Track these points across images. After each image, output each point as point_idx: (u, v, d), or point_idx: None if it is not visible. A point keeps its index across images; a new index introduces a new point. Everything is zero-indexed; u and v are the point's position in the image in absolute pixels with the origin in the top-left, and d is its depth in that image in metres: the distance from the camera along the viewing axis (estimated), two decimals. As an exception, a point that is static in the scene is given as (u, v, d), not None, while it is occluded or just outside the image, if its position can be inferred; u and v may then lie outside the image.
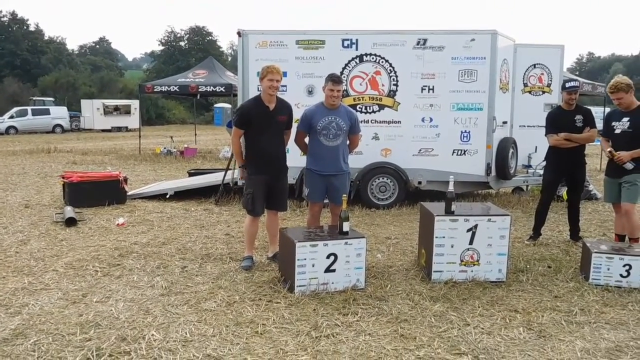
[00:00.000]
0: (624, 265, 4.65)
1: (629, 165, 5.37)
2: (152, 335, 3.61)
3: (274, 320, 3.89)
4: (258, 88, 8.26)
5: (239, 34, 8.43)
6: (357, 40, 8.22)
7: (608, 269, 4.69)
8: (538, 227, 6.32)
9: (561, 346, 3.54)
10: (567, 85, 6.04)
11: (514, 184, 9.42)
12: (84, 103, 35.77)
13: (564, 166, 6.10)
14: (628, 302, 4.34)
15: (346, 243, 4.51)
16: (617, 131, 5.49)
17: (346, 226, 4.60)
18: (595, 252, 4.74)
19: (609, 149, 5.50)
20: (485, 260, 4.74)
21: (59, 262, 5.24)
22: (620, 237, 5.75)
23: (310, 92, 8.20)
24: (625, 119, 5.44)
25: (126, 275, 4.90)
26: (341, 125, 5.23)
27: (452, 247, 4.71)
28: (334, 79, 5.16)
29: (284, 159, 5.25)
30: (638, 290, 4.57)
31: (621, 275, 4.66)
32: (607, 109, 7.70)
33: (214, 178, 9.41)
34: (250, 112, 5.06)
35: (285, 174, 5.31)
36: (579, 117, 5.96)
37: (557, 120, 6.04)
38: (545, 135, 6.13)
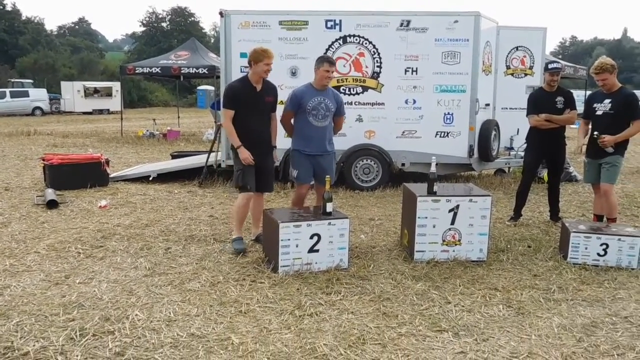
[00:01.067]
0: (601, 245, 4.76)
1: (610, 149, 5.46)
2: (136, 315, 3.62)
3: (257, 299, 3.92)
4: (241, 69, 8.27)
5: (220, 14, 8.34)
6: (340, 21, 8.18)
7: (586, 248, 4.79)
8: (519, 208, 6.42)
9: (539, 322, 3.62)
10: (550, 66, 6.10)
11: (496, 166, 9.54)
12: (64, 85, 35.17)
13: (544, 147, 6.18)
14: (604, 280, 4.44)
15: (329, 224, 4.54)
16: (599, 112, 5.56)
17: (329, 207, 4.63)
18: (574, 232, 4.83)
19: (595, 132, 5.53)
20: (466, 240, 4.81)
21: (41, 244, 5.21)
22: (599, 218, 5.86)
23: (293, 74, 8.16)
24: (607, 101, 5.51)
25: (109, 256, 4.89)
26: (329, 106, 5.27)
27: (434, 227, 4.77)
28: (330, 61, 5.29)
29: (269, 139, 5.25)
30: (614, 268, 4.68)
31: (598, 254, 4.76)
32: (589, 92, 7.76)
33: (197, 160, 9.36)
34: (240, 93, 5.03)
35: (272, 154, 5.30)
36: (559, 99, 6.02)
37: (538, 101, 6.10)
38: (527, 115, 6.20)
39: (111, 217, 6.36)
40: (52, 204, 6.78)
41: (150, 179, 8.79)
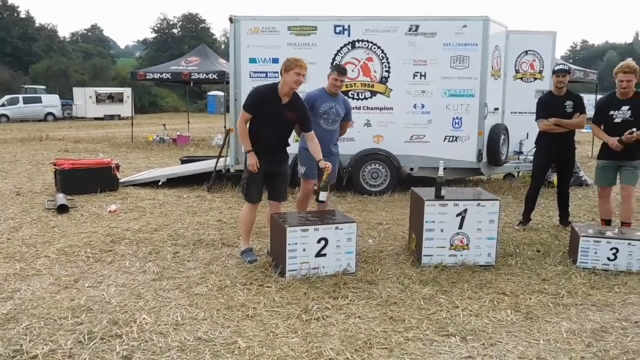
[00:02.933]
0: (611, 249, 4.71)
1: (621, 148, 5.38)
2: (144, 319, 3.64)
3: (264, 303, 3.92)
4: (250, 74, 8.33)
5: (230, 19, 8.39)
6: (349, 26, 8.21)
7: (595, 253, 4.75)
8: (528, 212, 6.38)
9: (547, 327, 3.59)
10: (556, 68, 6.14)
11: (505, 171, 9.49)
12: (76, 91, 35.52)
13: (554, 151, 6.14)
14: (614, 284, 4.40)
15: (337, 228, 4.54)
16: (617, 120, 5.47)
17: (323, 195, 4.73)
18: (583, 236, 4.79)
19: (629, 131, 5.30)
20: (474, 245, 4.79)
21: (51, 249, 5.25)
22: (607, 222, 5.81)
23: (302, 79, 8.17)
24: (625, 108, 5.43)
25: (118, 261, 4.92)
26: (340, 112, 5.54)
27: (441, 231, 4.76)
28: (340, 70, 5.50)
29: (284, 150, 5.04)
30: (624, 273, 4.64)
31: (608, 259, 4.72)
32: (599, 96, 7.69)
33: (207, 165, 9.42)
34: (263, 99, 4.76)
35: (286, 163, 5.11)
36: (569, 103, 5.99)
37: (547, 105, 6.07)
38: (536, 120, 6.17)
39: (120, 222, 6.41)
40: (62, 209, 6.85)
41: (160, 183, 8.84)
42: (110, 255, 5.08)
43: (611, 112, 5.51)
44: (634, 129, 5.31)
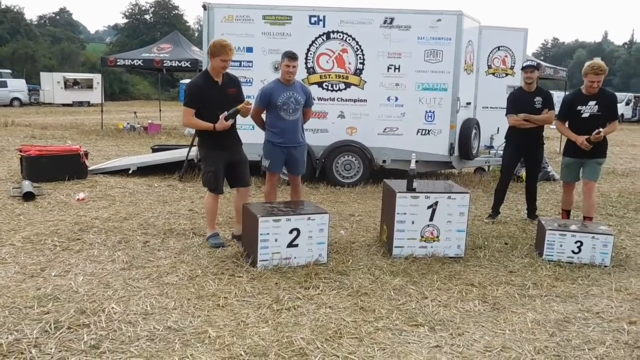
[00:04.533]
0: (576, 242, 4.85)
1: (589, 147, 5.53)
2: (112, 308, 3.59)
3: (235, 293, 3.92)
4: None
5: (204, 7, 8.28)
6: (324, 17, 8.18)
7: (561, 246, 4.87)
8: (497, 206, 6.50)
9: (513, 318, 3.68)
10: (524, 64, 6.25)
11: (476, 164, 9.63)
12: (44, 76, 34.55)
13: (523, 146, 6.26)
14: (578, 276, 4.53)
15: (309, 218, 4.55)
16: (585, 115, 5.60)
17: (227, 116, 4.76)
18: (550, 229, 4.91)
19: (596, 131, 5.43)
20: (444, 237, 4.86)
21: (16, 237, 5.13)
22: (568, 213, 6.00)
23: (276, 69, 8.10)
24: (592, 102, 5.56)
25: (86, 249, 4.84)
26: (299, 99, 5.48)
27: (412, 223, 4.81)
28: (289, 55, 5.37)
29: (237, 134, 5.15)
30: (588, 265, 4.77)
31: (573, 252, 4.85)
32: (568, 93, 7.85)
33: (178, 154, 9.30)
34: (201, 90, 4.86)
35: (242, 148, 5.21)
36: (538, 99, 6.11)
37: (517, 101, 6.18)
38: (506, 115, 6.27)
39: (89, 210, 6.29)
40: (28, 196, 6.68)
41: (130, 172, 8.70)
42: (78, 243, 4.99)
43: (579, 108, 5.64)
44: (601, 130, 5.46)
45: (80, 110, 29.25)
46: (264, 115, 5.57)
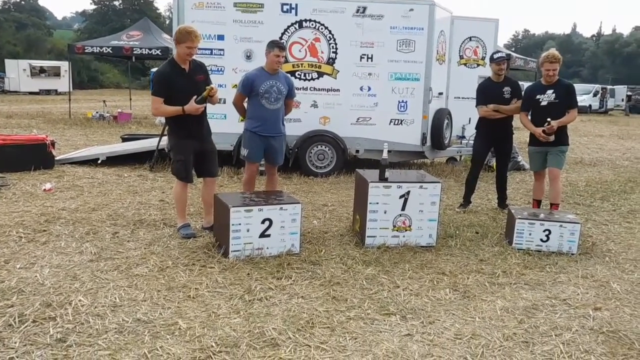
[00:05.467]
0: (544, 231, 4.93)
1: (552, 137, 5.65)
2: (80, 300, 3.52)
3: (207, 284, 3.87)
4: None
5: (174, -7, 8.11)
6: (296, 5, 8.10)
7: (530, 234, 4.95)
8: (468, 195, 6.57)
9: (483, 305, 3.73)
10: (495, 56, 6.26)
11: (448, 154, 9.72)
12: (9, 63, 33.60)
13: (493, 137, 6.34)
14: (546, 264, 4.61)
15: (281, 208, 4.53)
16: (544, 103, 5.73)
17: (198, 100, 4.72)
18: (519, 218, 4.99)
19: (548, 119, 5.58)
20: (416, 226, 4.89)
21: (-21, 228, 4.98)
22: (539, 203, 6.11)
23: (248, 57, 8.05)
24: (550, 91, 5.70)
25: (53, 241, 4.72)
26: (281, 89, 5.40)
27: (385, 213, 4.83)
28: (280, 46, 5.38)
29: (207, 122, 5.09)
30: (555, 253, 4.86)
31: (541, 240, 4.94)
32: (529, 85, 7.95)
33: (149, 143, 9.14)
34: (168, 77, 4.78)
35: (210, 138, 5.14)
36: (507, 89, 6.18)
37: (486, 92, 6.24)
38: (476, 106, 6.33)
39: (56, 201, 6.14)
40: (-8, 187, 6.49)
41: (99, 162, 8.53)
42: (44, 235, 4.87)
43: (538, 97, 5.78)
44: (549, 119, 5.59)
45: (47, 99, 28.53)
46: (246, 104, 5.49)
